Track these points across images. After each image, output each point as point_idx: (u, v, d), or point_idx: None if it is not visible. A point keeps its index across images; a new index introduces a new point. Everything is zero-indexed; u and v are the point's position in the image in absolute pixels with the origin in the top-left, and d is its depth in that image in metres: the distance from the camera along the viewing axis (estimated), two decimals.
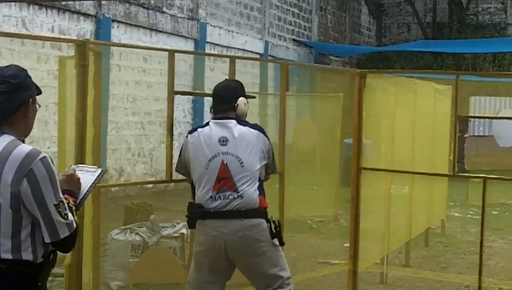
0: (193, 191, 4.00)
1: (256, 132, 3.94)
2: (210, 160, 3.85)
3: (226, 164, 3.83)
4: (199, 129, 4.00)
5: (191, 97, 13.95)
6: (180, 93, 5.11)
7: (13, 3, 9.65)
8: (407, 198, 6.91)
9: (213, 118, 4.02)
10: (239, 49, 15.87)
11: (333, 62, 20.97)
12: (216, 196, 3.82)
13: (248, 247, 3.84)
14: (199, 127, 4.04)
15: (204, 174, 3.87)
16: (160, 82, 11.92)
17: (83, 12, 11.27)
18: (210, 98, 4.17)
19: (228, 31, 15.61)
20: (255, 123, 4.14)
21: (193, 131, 4.05)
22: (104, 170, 2.84)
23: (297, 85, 15.16)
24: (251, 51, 16.47)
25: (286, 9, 18.64)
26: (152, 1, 12.85)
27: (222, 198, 3.81)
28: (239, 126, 3.92)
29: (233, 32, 15.81)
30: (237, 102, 3.97)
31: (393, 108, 6.46)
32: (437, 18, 23.61)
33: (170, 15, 13.51)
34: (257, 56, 16.67)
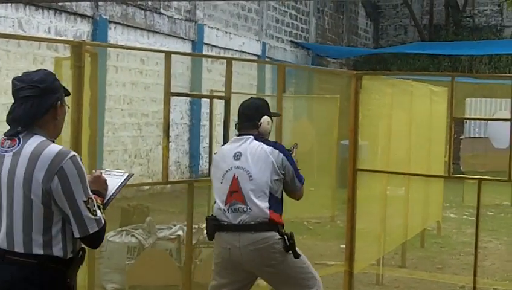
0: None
1: (270, 148, 3.98)
2: (225, 174, 3.97)
3: (237, 178, 3.92)
4: (223, 146, 4.22)
5: (189, 99, 13.95)
6: (176, 94, 5.10)
7: (9, 4, 9.64)
8: (403, 199, 6.93)
9: (236, 135, 4.15)
10: (236, 50, 15.87)
11: (330, 64, 20.99)
12: (228, 209, 3.91)
13: (261, 259, 3.89)
14: (225, 144, 4.27)
15: (219, 187, 3.99)
16: (157, 83, 11.92)
17: (80, 13, 11.25)
18: (207, 100, 4.22)
19: (226, 33, 15.61)
20: (275, 141, 4.24)
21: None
22: (132, 174, 2.91)
23: (294, 87, 15.18)
24: (249, 53, 16.48)
25: (284, 11, 18.65)
26: (149, 2, 12.83)
27: (234, 211, 3.90)
28: (254, 142, 4.00)
29: (230, 33, 15.81)
30: (261, 120, 4.07)
31: (389, 110, 6.48)
32: (434, 20, 23.69)
33: (168, 16, 13.50)
34: (255, 58, 16.67)
